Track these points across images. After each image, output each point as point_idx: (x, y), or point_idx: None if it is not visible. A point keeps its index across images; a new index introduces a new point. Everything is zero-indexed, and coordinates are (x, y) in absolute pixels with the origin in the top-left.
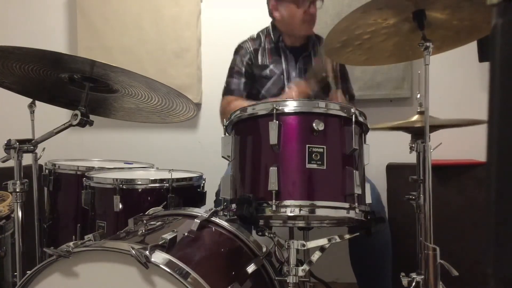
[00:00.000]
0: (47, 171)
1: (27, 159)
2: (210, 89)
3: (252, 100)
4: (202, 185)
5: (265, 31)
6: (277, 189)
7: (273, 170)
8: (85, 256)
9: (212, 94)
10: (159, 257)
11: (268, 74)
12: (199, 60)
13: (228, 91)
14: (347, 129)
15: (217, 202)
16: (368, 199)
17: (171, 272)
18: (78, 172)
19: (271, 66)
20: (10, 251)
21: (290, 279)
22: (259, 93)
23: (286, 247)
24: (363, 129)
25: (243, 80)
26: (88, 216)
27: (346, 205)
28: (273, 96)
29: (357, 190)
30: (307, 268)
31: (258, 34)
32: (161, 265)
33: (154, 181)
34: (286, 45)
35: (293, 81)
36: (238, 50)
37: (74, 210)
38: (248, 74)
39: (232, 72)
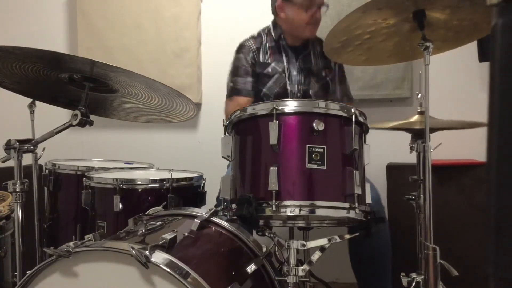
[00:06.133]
0: (47, 171)
1: (27, 159)
2: (210, 89)
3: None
4: (202, 185)
5: (266, 30)
6: (277, 189)
7: (273, 170)
8: (85, 256)
9: (212, 94)
10: (159, 257)
11: (270, 72)
12: (199, 60)
13: (235, 91)
14: (347, 129)
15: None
16: (368, 199)
17: (171, 272)
18: (78, 172)
19: (273, 64)
20: (10, 251)
21: (290, 279)
22: (260, 92)
23: (286, 247)
24: (363, 129)
25: (249, 78)
26: (88, 216)
27: (346, 205)
28: (275, 94)
29: (357, 190)
30: (307, 268)
31: (259, 33)
32: (161, 265)
33: (154, 181)
34: (287, 43)
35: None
36: (240, 49)
37: (74, 210)
38: (254, 72)
39: (238, 70)
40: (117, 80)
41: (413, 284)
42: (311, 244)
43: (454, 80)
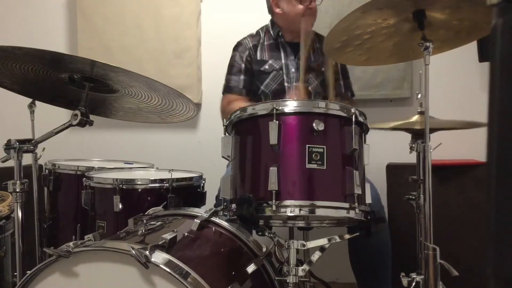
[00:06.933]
0: (47, 171)
1: (27, 159)
2: (210, 89)
3: (252, 100)
4: (202, 185)
5: (265, 28)
6: (277, 189)
7: (273, 170)
8: (85, 256)
9: (212, 94)
10: (159, 257)
11: (267, 69)
12: (199, 60)
13: (227, 88)
14: (347, 129)
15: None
16: (368, 199)
17: (171, 272)
18: (78, 172)
19: (270, 61)
20: (10, 251)
21: (290, 279)
22: (258, 89)
23: (286, 247)
24: (363, 129)
25: (242, 77)
26: (88, 216)
27: (346, 205)
28: (273, 91)
29: (357, 190)
30: (307, 268)
31: (257, 31)
32: (161, 265)
33: (154, 181)
34: (286, 40)
35: (293, 85)
36: (237, 47)
37: (74, 210)
38: (248, 70)
39: (231, 69)
40: (117, 80)
41: (413, 284)
42: (311, 244)
43: (454, 80)
